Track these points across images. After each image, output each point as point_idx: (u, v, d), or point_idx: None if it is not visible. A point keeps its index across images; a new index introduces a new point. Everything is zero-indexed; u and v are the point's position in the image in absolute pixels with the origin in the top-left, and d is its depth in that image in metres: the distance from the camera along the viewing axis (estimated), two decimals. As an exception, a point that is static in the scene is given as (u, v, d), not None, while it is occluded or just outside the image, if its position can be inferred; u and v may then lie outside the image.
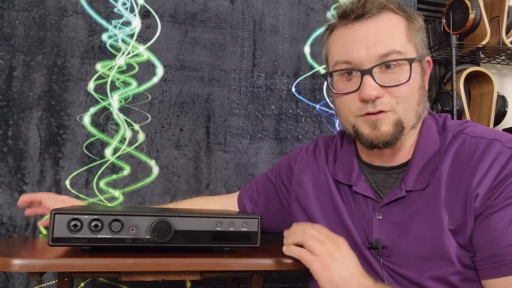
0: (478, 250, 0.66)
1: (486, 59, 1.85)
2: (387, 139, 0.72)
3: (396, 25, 0.73)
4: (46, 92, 1.20)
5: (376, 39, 0.71)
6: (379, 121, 0.71)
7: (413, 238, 0.71)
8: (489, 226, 0.65)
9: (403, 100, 0.71)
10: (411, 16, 0.75)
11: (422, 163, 0.73)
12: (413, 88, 0.72)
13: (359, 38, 0.72)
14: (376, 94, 0.70)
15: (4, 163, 1.16)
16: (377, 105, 0.71)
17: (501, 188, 0.65)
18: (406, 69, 0.71)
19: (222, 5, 1.35)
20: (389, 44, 0.71)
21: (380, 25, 0.72)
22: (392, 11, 0.74)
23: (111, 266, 0.65)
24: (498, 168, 0.66)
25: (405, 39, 0.73)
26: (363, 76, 0.71)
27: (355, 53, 0.72)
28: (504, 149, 0.67)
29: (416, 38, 0.75)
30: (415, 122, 0.74)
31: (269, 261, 0.72)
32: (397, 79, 0.70)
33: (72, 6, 1.24)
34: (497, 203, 0.65)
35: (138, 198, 1.24)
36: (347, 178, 0.81)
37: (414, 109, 0.73)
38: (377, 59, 0.71)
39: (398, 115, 0.71)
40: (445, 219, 0.69)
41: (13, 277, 1.12)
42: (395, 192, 0.74)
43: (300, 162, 0.92)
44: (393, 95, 0.71)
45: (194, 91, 1.31)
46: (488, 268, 0.65)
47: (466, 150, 0.71)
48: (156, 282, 0.72)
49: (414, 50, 0.74)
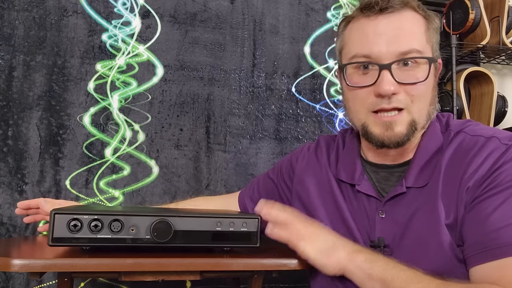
0: (465, 239, 0.66)
1: (486, 59, 1.85)
2: (400, 140, 0.72)
3: (416, 23, 0.73)
4: (46, 92, 1.20)
5: (398, 35, 0.71)
6: (394, 122, 0.71)
7: (414, 235, 0.71)
8: (475, 214, 0.65)
9: (418, 99, 0.71)
10: (430, 16, 0.75)
11: (424, 161, 0.74)
12: (428, 88, 0.73)
13: (381, 31, 0.71)
14: (393, 90, 0.69)
15: (4, 163, 1.16)
16: (392, 102, 0.70)
17: (489, 179, 0.66)
18: (424, 68, 0.71)
19: (222, 5, 1.35)
20: (410, 42, 0.71)
21: (402, 21, 0.72)
22: (413, 9, 0.74)
23: (111, 266, 0.65)
24: (491, 162, 0.67)
25: (424, 39, 0.73)
26: (381, 71, 0.70)
27: (376, 47, 0.71)
28: (500, 145, 0.68)
29: (433, 38, 0.75)
30: (425, 123, 0.74)
31: (269, 261, 0.72)
32: (415, 77, 0.70)
33: (72, 6, 1.24)
34: (485, 192, 0.65)
35: (138, 198, 1.24)
36: (350, 177, 0.81)
37: (427, 109, 0.73)
38: (397, 55, 0.70)
39: (413, 115, 0.71)
40: (442, 214, 0.69)
41: (13, 277, 1.12)
42: (396, 189, 0.75)
43: (301, 162, 0.92)
44: (409, 93, 0.71)
45: (194, 91, 1.31)
46: (475, 254, 0.64)
47: (464, 147, 0.71)
48: (156, 282, 0.72)
49: (431, 49, 0.74)
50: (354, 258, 0.68)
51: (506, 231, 0.62)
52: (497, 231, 0.62)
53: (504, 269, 0.60)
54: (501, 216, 0.63)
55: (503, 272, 0.60)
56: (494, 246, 0.62)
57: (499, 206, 0.64)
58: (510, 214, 0.63)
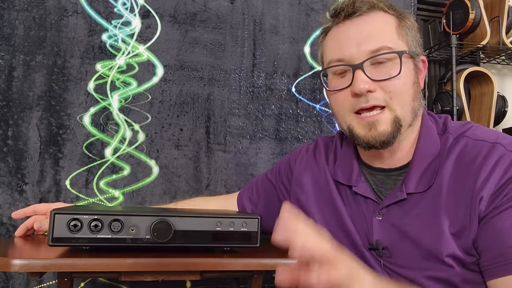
0: (484, 251, 0.66)
1: (486, 59, 1.85)
2: (384, 139, 0.72)
3: (386, 22, 0.74)
4: (46, 92, 1.20)
5: (367, 36, 0.72)
6: (377, 121, 0.72)
7: (412, 239, 0.71)
8: (495, 227, 0.65)
9: (396, 95, 0.71)
10: (401, 15, 0.76)
11: (424, 166, 0.73)
12: (406, 83, 0.72)
13: (350, 36, 0.73)
14: (367, 88, 0.70)
15: (4, 163, 1.16)
16: (369, 100, 0.71)
17: (505, 190, 0.65)
18: (397, 62, 0.72)
19: (222, 5, 1.35)
20: (379, 40, 0.72)
21: (371, 23, 0.73)
22: (382, 10, 0.75)
23: (111, 266, 0.65)
24: (501, 171, 0.66)
25: (395, 36, 0.74)
26: (354, 71, 0.72)
27: (346, 50, 0.73)
28: (506, 152, 0.68)
29: (407, 35, 0.75)
30: (411, 120, 0.74)
31: (269, 261, 0.71)
32: (389, 73, 0.71)
33: (72, 6, 1.24)
34: (502, 204, 0.65)
35: (138, 198, 1.24)
36: (347, 178, 0.81)
37: (410, 105, 0.73)
38: (367, 54, 0.71)
39: (395, 112, 0.72)
40: (445, 223, 0.68)
41: (13, 277, 1.13)
42: (396, 194, 0.74)
43: (300, 163, 0.92)
44: (386, 90, 0.71)
45: (194, 91, 1.31)
46: (494, 267, 0.64)
47: (468, 153, 0.71)
48: (156, 282, 0.72)
49: (406, 45, 0.74)
50: None
51: None
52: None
53: None
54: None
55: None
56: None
57: None
58: None
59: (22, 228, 0.91)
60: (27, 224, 0.91)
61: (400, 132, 0.72)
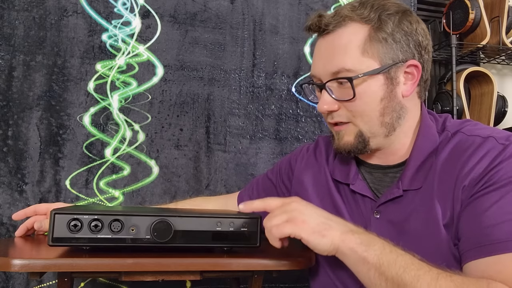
0: (461, 235, 0.66)
1: (486, 59, 1.85)
2: (348, 149, 0.76)
3: (352, 39, 0.72)
4: (46, 92, 1.20)
5: (331, 56, 0.73)
6: (342, 132, 0.76)
7: (411, 236, 0.71)
8: (470, 211, 0.65)
9: (358, 114, 0.73)
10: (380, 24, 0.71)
11: (419, 162, 0.74)
12: (368, 102, 0.72)
13: (320, 53, 0.76)
14: (326, 108, 0.74)
15: (4, 163, 1.16)
16: (334, 117, 0.76)
17: (486, 177, 0.66)
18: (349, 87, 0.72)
19: (222, 5, 1.35)
20: (339, 62, 0.72)
21: (336, 40, 0.73)
22: (354, 22, 0.72)
23: (111, 266, 0.65)
24: (488, 161, 0.67)
25: (358, 54, 0.71)
26: (321, 90, 0.75)
27: (316, 68, 0.77)
28: (497, 145, 0.68)
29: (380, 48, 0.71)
30: (385, 131, 0.74)
31: (269, 261, 0.71)
32: (348, 94, 0.72)
33: (72, 6, 1.24)
34: (481, 190, 0.65)
35: (138, 198, 1.24)
36: (344, 177, 0.81)
37: (378, 120, 0.73)
38: (329, 75, 0.74)
39: (359, 127, 0.74)
40: (439, 215, 0.69)
41: (13, 277, 1.13)
42: (392, 191, 0.74)
43: (300, 162, 0.92)
44: (348, 109, 0.74)
45: (194, 91, 1.31)
46: (468, 250, 0.64)
47: (460, 147, 0.71)
48: (156, 282, 0.72)
49: (375, 61, 0.71)
50: (348, 239, 0.63)
51: (501, 228, 0.62)
52: (492, 227, 0.62)
53: (499, 265, 0.60)
54: (497, 212, 0.63)
55: (498, 268, 0.60)
56: (489, 242, 0.62)
57: (495, 203, 0.63)
58: (506, 211, 0.63)
59: (22, 228, 0.91)
60: (27, 224, 0.91)
61: (367, 143, 0.75)
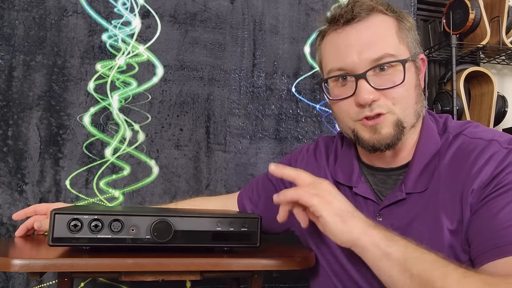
0: (474, 238, 0.66)
1: (486, 59, 1.85)
2: (389, 141, 0.72)
3: (386, 27, 0.73)
4: (46, 92, 1.20)
5: (368, 43, 0.71)
6: (379, 125, 0.72)
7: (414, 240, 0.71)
8: (483, 214, 0.65)
9: (399, 101, 0.71)
10: (400, 16, 0.75)
11: (422, 165, 0.73)
12: (408, 88, 0.72)
13: (351, 43, 0.72)
14: (372, 98, 0.70)
15: (4, 163, 1.16)
16: (374, 108, 0.71)
17: (495, 180, 0.65)
18: (400, 70, 0.71)
19: (222, 5, 1.35)
20: (381, 48, 0.71)
21: (371, 28, 0.72)
22: (381, 13, 0.74)
23: (111, 266, 0.65)
24: (494, 165, 0.66)
25: (396, 40, 0.73)
26: (357, 81, 0.71)
27: (348, 58, 0.72)
28: (501, 149, 0.68)
29: (407, 37, 0.74)
30: (414, 121, 0.74)
31: (269, 261, 0.72)
32: (392, 81, 0.71)
33: (72, 6, 1.24)
34: (491, 192, 0.65)
35: (138, 198, 1.24)
36: (347, 179, 0.81)
37: (413, 108, 0.73)
38: (370, 63, 0.71)
39: (397, 115, 0.72)
40: (444, 220, 0.69)
41: (13, 277, 1.12)
42: (395, 194, 0.74)
43: (300, 163, 0.92)
44: (389, 96, 0.71)
45: (194, 91, 1.31)
46: (484, 253, 0.63)
47: (464, 150, 0.71)
48: (156, 282, 0.72)
49: (407, 49, 0.74)
50: (371, 233, 0.62)
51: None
52: (507, 228, 0.62)
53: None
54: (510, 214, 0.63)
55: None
56: (506, 242, 0.61)
57: (507, 204, 0.63)
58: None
59: (22, 228, 0.91)
60: (27, 224, 0.91)
61: (403, 133, 0.72)
